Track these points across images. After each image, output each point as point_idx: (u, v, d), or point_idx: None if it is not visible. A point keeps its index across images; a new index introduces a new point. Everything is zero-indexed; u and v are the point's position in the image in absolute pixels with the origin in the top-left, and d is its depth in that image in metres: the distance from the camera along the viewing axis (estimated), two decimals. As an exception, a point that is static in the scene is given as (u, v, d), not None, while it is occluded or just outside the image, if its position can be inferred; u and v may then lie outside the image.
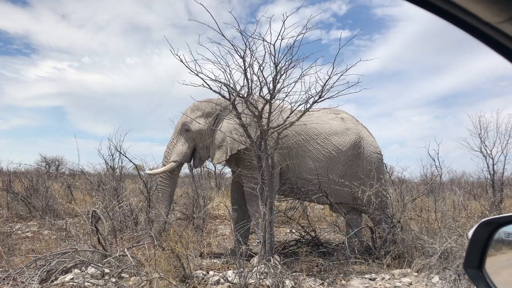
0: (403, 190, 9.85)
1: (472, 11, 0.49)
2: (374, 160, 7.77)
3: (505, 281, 1.16)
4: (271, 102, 6.09)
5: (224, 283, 5.51)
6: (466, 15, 0.50)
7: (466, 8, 0.49)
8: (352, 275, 6.18)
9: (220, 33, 5.83)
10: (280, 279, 5.37)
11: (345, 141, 7.53)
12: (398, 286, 5.69)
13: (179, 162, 7.34)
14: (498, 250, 1.17)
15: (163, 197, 7.40)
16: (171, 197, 7.62)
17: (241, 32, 5.94)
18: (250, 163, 6.77)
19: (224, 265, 6.57)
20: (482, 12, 0.49)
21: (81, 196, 13.68)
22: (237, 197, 7.78)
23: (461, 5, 0.49)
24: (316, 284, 5.71)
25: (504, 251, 1.17)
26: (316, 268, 6.58)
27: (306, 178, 7.25)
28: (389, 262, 6.62)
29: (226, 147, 7.03)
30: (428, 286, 5.67)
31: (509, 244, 1.16)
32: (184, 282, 5.37)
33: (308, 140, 7.37)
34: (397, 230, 6.95)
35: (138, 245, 6.30)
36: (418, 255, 6.56)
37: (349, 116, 8.13)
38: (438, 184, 13.59)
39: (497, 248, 1.17)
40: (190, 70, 5.98)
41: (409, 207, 8.27)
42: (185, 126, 7.32)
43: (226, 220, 11.90)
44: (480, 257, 0.95)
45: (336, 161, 7.42)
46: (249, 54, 6.00)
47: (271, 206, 6.22)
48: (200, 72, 6.02)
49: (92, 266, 5.55)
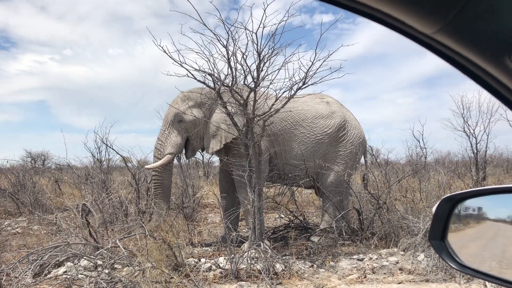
0: (389, 171, 10.03)
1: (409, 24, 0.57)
2: (356, 143, 7.94)
3: (472, 252, 1.26)
4: (255, 90, 6.15)
5: (216, 269, 5.63)
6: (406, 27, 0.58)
7: (404, 21, 0.57)
8: (341, 257, 6.35)
9: (202, 23, 5.85)
10: (270, 263, 5.50)
11: (331, 124, 7.69)
12: (385, 265, 5.86)
13: (174, 154, 7.32)
14: (467, 224, 1.28)
15: (161, 191, 7.31)
16: (169, 190, 7.61)
17: (223, 22, 5.96)
18: (238, 151, 6.85)
19: (215, 252, 6.68)
20: (417, 25, 0.56)
21: (69, 190, 13.64)
22: (226, 185, 7.86)
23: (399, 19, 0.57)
24: (306, 266, 5.86)
25: (472, 225, 1.28)
26: (305, 251, 6.73)
27: (293, 164, 7.38)
28: (376, 243, 6.80)
29: (221, 135, 7.05)
30: (414, 264, 5.85)
31: (477, 218, 1.26)
32: (176, 270, 5.46)
33: (294, 125, 7.49)
34: (383, 211, 7.13)
35: (129, 236, 6.36)
36: (404, 234, 6.75)
37: (334, 100, 8.26)
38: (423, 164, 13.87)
39: (465, 223, 1.28)
40: (174, 61, 6.01)
41: (395, 188, 8.45)
42: (177, 117, 7.22)
43: (215, 208, 12.00)
44: (442, 230, 1.07)
45: (321, 143, 7.59)
46: (232, 43, 6.04)
47: (259, 193, 6.33)
48: (184, 62, 6.04)
49: (84, 259, 5.61)
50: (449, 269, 5.31)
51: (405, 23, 0.57)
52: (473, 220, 1.25)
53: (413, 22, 0.56)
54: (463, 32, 0.54)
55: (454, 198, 1.08)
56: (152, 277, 5.03)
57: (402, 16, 0.56)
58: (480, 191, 1.10)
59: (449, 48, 0.58)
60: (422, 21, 0.55)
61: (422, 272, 5.52)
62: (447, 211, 1.07)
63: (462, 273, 1.34)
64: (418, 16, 0.55)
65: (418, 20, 0.55)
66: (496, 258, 1.20)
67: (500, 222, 1.17)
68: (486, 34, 0.54)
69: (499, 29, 0.54)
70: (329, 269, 5.82)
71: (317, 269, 5.80)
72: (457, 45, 0.56)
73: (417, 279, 5.34)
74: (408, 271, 5.64)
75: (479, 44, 0.55)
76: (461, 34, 0.55)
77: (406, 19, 0.56)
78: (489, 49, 0.55)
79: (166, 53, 5.96)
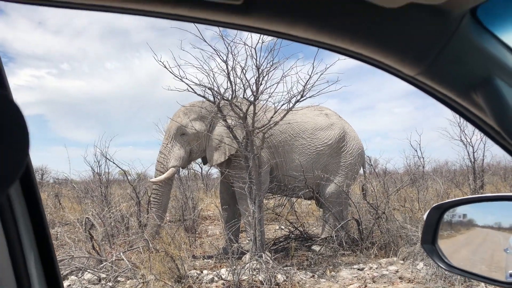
0: (387, 181, 10.13)
1: (395, 67, 0.69)
2: (355, 154, 8.08)
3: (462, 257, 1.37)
4: (255, 103, 6.28)
5: (218, 280, 5.69)
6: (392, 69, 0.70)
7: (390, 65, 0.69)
8: (341, 266, 6.42)
9: (202, 39, 6.01)
10: (272, 273, 5.57)
11: (331, 135, 7.83)
12: (385, 274, 5.94)
13: (178, 167, 7.38)
14: (458, 231, 1.39)
15: (159, 205, 7.33)
16: (166, 205, 7.68)
17: (222, 37, 6.12)
18: (238, 164, 6.94)
19: (217, 264, 6.74)
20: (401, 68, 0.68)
21: (69, 204, 13.67)
22: (227, 197, 7.93)
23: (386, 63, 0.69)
24: (307, 276, 5.93)
25: (462, 232, 1.39)
26: (306, 261, 6.80)
27: (293, 175, 7.48)
28: (376, 252, 6.88)
29: (224, 148, 7.14)
30: (414, 272, 5.93)
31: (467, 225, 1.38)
32: (179, 282, 5.52)
33: (295, 137, 7.62)
34: (382, 220, 7.22)
35: (132, 249, 6.43)
36: (403, 243, 6.83)
37: (332, 112, 8.42)
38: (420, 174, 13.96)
39: (457, 230, 1.39)
40: (174, 76, 6.14)
41: (393, 198, 8.55)
42: (180, 130, 7.28)
43: (216, 220, 12.06)
44: (433, 235, 1.20)
45: (322, 154, 7.73)
46: (231, 58, 6.18)
47: (260, 204, 6.42)
48: (184, 77, 6.18)
49: (88, 272, 5.66)
50: (448, 277, 5.39)
51: (391, 66, 0.69)
52: (463, 227, 1.36)
53: (398, 66, 0.69)
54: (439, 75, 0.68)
55: (443, 206, 1.21)
56: (156, 289, 5.10)
57: (388, 61, 0.68)
58: (466, 200, 1.22)
59: (430, 87, 0.70)
60: (406, 66, 0.68)
61: (421, 281, 5.60)
62: (436, 218, 1.20)
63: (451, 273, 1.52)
64: (402, 62, 0.68)
65: (402, 65, 0.68)
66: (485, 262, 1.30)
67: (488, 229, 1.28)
68: (456, 76, 0.67)
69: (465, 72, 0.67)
70: (330, 279, 5.89)
71: (318, 279, 5.87)
72: (436, 85, 0.69)
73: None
74: (408, 280, 5.72)
75: (453, 84, 0.68)
76: (438, 77, 0.68)
77: (392, 64, 0.68)
78: (460, 88, 0.67)
79: (167, 68, 6.10)
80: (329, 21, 0.64)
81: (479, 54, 0.63)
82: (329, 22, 0.64)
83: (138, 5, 0.64)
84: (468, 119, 0.72)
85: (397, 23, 0.62)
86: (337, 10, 0.62)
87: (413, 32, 0.63)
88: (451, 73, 0.67)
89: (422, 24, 0.62)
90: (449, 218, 1.25)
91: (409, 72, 0.69)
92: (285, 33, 0.68)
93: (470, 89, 0.66)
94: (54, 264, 1.10)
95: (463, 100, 0.69)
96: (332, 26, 0.64)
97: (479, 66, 0.64)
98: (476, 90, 0.65)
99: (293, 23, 0.64)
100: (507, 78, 0.63)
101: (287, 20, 0.64)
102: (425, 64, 0.66)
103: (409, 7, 0.60)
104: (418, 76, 0.69)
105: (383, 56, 0.68)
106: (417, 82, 0.71)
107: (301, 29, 0.65)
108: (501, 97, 0.62)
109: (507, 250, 1.15)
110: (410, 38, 0.64)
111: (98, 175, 11.42)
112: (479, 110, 0.68)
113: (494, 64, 0.63)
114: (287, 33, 0.67)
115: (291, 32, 0.67)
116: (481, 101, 0.65)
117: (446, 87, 0.69)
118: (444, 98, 0.71)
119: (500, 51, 0.63)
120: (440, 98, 0.72)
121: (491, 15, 0.61)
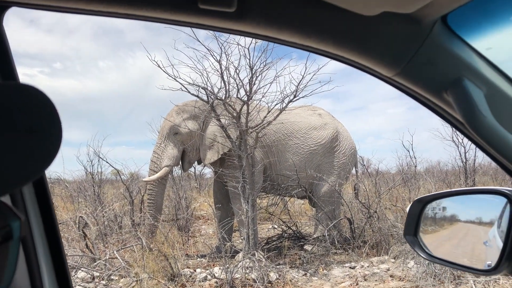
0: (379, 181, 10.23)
1: (373, 68, 0.76)
2: (348, 153, 8.17)
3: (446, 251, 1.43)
4: (248, 103, 6.33)
5: (211, 279, 5.73)
6: (371, 70, 0.77)
7: (369, 66, 0.76)
8: (333, 265, 6.48)
9: (196, 39, 6.05)
10: (265, 272, 5.62)
11: (324, 135, 7.91)
12: (377, 272, 6.01)
13: (171, 167, 7.40)
14: (441, 226, 1.45)
15: (154, 205, 7.36)
16: (161, 205, 7.71)
17: (216, 37, 6.16)
18: (232, 163, 6.99)
19: (210, 263, 6.78)
20: (379, 69, 0.75)
21: (62, 203, 13.63)
22: (220, 196, 7.97)
23: (365, 65, 0.76)
24: (299, 275, 5.98)
25: (446, 227, 1.45)
26: (299, 260, 6.86)
27: (286, 174, 7.54)
28: (368, 251, 6.95)
29: (217, 147, 7.18)
30: (405, 271, 6.01)
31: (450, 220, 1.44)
32: (172, 280, 5.56)
33: (288, 136, 7.69)
34: (374, 220, 7.30)
35: (126, 247, 6.45)
36: (394, 242, 6.91)
37: (325, 112, 8.50)
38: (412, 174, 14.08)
39: (440, 225, 1.45)
40: (168, 75, 6.18)
41: (385, 197, 8.63)
42: (173, 129, 7.31)
43: (209, 220, 12.08)
44: (415, 227, 1.27)
45: (315, 154, 7.80)
46: (225, 57, 6.23)
47: (253, 204, 6.47)
48: (178, 76, 6.21)
49: (82, 270, 5.68)
50: (438, 275, 5.47)
51: (371, 68, 0.75)
52: (447, 222, 1.42)
53: (376, 68, 0.75)
54: (414, 76, 0.74)
55: (424, 199, 1.28)
56: (149, 287, 5.13)
57: (368, 63, 0.74)
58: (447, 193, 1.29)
59: (406, 87, 0.77)
60: (383, 68, 0.74)
61: (412, 279, 5.67)
62: (418, 211, 1.27)
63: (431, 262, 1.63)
64: (380, 64, 0.74)
65: (380, 67, 0.74)
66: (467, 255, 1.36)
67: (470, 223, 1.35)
68: (429, 77, 0.74)
69: (437, 74, 0.73)
70: (322, 277, 5.95)
71: (310, 278, 5.93)
72: (411, 85, 0.76)
73: (408, 286, 5.49)
74: (399, 278, 5.79)
75: (426, 85, 0.75)
76: (413, 78, 0.75)
77: (371, 66, 0.75)
78: (433, 88, 0.74)
79: (161, 68, 6.13)
80: (313, 27, 0.70)
81: (450, 57, 0.70)
82: (314, 28, 0.70)
83: (138, 11, 0.69)
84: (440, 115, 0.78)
85: (374, 29, 0.69)
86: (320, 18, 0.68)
87: (389, 37, 0.70)
88: (424, 74, 0.74)
89: (397, 30, 0.68)
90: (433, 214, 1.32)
91: (386, 73, 0.75)
92: (274, 37, 0.73)
93: (441, 89, 0.73)
94: (63, 261, 1.14)
95: (435, 99, 0.76)
96: (316, 31, 0.70)
97: (450, 68, 0.71)
98: (447, 89, 0.72)
99: (281, 28, 0.70)
100: (474, 79, 0.70)
101: (275, 26, 0.70)
102: (401, 66, 0.73)
103: (385, 14, 0.66)
104: (395, 77, 0.75)
105: (363, 59, 0.74)
106: (394, 83, 0.77)
107: (288, 34, 0.71)
108: (468, 96, 0.69)
109: (486, 243, 1.21)
110: (387, 43, 0.70)
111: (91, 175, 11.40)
112: (449, 107, 0.75)
113: (463, 67, 0.70)
114: (276, 37, 0.73)
115: (279, 37, 0.73)
116: (451, 99, 0.72)
117: (420, 87, 0.75)
118: (419, 97, 0.78)
119: (468, 55, 0.70)
120: (415, 97, 0.78)
121: (460, 21, 0.68)
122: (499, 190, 1.09)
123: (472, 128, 0.69)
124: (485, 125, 0.67)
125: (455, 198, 1.29)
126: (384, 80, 0.77)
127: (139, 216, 8.08)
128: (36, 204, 1.09)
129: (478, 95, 0.68)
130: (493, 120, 0.68)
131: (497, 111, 0.69)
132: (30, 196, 1.07)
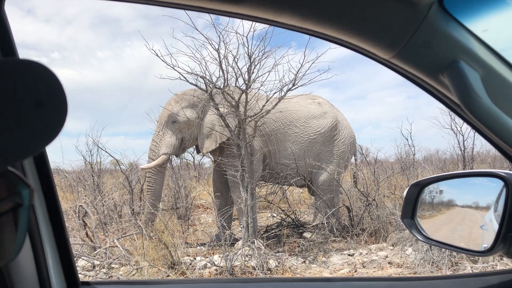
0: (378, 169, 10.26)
1: (371, 51, 0.77)
2: (347, 142, 8.19)
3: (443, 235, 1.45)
4: (247, 92, 6.32)
5: (211, 267, 5.78)
6: (368, 52, 0.77)
7: (366, 49, 0.77)
8: (332, 252, 6.54)
9: (194, 27, 6.01)
10: (264, 259, 5.66)
11: (324, 123, 7.92)
12: (375, 259, 6.06)
13: (169, 155, 7.42)
14: (439, 211, 1.47)
15: (153, 193, 7.40)
16: (160, 193, 7.75)
17: (214, 25, 6.13)
18: (231, 152, 7.00)
19: (210, 251, 6.82)
20: (377, 51, 0.76)
21: (62, 193, 13.67)
22: (219, 185, 8.00)
23: (363, 47, 0.76)
24: (298, 262, 6.03)
25: (443, 212, 1.47)
26: (298, 248, 6.91)
27: (285, 163, 7.56)
28: (366, 238, 7.00)
29: (216, 135, 7.18)
30: (403, 258, 6.06)
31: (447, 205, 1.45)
32: (172, 268, 5.60)
33: (288, 125, 7.69)
34: (373, 207, 7.34)
35: (125, 235, 6.49)
36: (392, 229, 6.96)
37: (325, 101, 8.50)
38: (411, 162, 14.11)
39: (438, 210, 1.46)
40: (166, 64, 6.16)
41: (384, 185, 8.67)
42: (171, 118, 7.32)
43: (208, 209, 12.14)
44: (412, 210, 1.29)
45: (314, 142, 7.82)
46: (223, 46, 6.20)
47: (252, 192, 6.50)
48: (176, 65, 6.19)
49: (82, 259, 5.72)
50: (436, 261, 5.52)
51: (368, 50, 0.76)
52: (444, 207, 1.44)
53: (374, 50, 0.76)
54: (410, 58, 0.75)
55: (421, 183, 1.30)
56: (149, 275, 5.17)
57: (365, 45, 0.75)
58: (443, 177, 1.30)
59: (403, 69, 0.77)
60: (381, 50, 0.75)
61: (410, 266, 5.73)
62: (415, 194, 1.29)
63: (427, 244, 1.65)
64: (377, 47, 0.75)
65: (377, 49, 0.75)
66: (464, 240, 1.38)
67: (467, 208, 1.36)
68: (426, 59, 0.74)
69: (433, 56, 0.74)
70: (321, 264, 6.00)
71: (309, 265, 5.98)
72: (408, 67, 0.77)
73: (406, 272, 5.54)
74: (397, 265, 5.85)
75: (423, 67, 0.75)
76: (410, 60, 0.76)
77: (369, 48, 0.75)
78: (429, 70, 0.75)
79: (159, 56, 6.11)
80: (312, 9, 0.70)
81: (446, 39, 0.71)
82: (312, 10, 0.70)
83: None
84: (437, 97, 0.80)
85: (372, 11, 0.69)
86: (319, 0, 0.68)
87: (386, 19, 0.70)
88: (421, 56, 0.74)
89: (394, 12, 0.69)
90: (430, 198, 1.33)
91: (384, 55, 0.76)
92: (273, 20, 0.73)
93: (438, 71, 0.74)
94: (69, 251, 1.15)
95: (432, 81, 0.77)
96: (315, 14, 0.70)
97: (446, 50, 0.72)
98: (443, 71, 0.73)
99: (279, 11, 0.70)
100: (470, 61, 0.70)
101: (274, 9, 0.70)
102: (397, 49, 0.73)
103: None
104: (392, 59, 0.76)
105: (360, 41, 0.74)
106: (391, 65, 0.78)
107: (287, 16, 0.71)
108: (465, 77, 0.69)
109: (483, 227, 1.22)
110: (384, 25, 0.71)
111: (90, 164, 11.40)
112: (446, 89, 0.76)
113: (459, 49, 0.71)
114: (275, 20, 0.73)
115: (278, 19, 0.73)
116: (448, 81, 0.73)
117: (417, 69, 0.76)
118: (416, 79, 0.78)
119: (464, 37, 0.70)
120: (412, 79, 0.79)
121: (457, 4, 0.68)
122: (495, 173, 1.11)
123: (468, 109, 0.70)
124: (481, 106, 0.68)
125: (452, 182, 1.30)
126: (381, 63, 0.78)
127: (138, 205, 8.10)
128: (41, 192, 1.10)
129: (474, 77, 0.69)
130: (489, 101, 0.69)
131: (493, 93, 0.70)
132: (35, 185, 1.08)
